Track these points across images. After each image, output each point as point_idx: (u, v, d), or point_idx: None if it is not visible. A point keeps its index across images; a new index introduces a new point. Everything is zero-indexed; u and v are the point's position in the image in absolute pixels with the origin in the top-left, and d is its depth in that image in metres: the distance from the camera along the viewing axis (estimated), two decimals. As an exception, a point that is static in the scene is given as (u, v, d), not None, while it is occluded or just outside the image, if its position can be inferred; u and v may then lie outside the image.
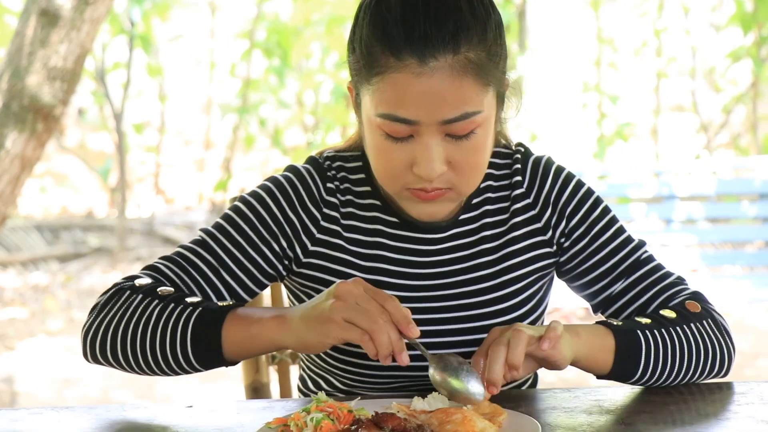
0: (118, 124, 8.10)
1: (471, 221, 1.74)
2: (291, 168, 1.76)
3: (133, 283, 1.65)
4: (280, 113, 8.81)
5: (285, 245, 1.72)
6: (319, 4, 6.73)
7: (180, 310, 1.59)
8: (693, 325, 1.67)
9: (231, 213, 1.73)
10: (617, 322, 1.65)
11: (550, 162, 1.78)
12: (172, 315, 1.59)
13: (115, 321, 1.62)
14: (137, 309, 1.61)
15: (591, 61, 8.48)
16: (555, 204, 1.75)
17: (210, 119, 9.39)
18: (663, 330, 1.64)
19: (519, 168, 1.76)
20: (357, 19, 1.62)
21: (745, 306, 6.04)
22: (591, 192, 1.77)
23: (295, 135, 9.30)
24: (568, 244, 1.75)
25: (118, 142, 8.11)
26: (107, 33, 7.93)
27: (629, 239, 1.76)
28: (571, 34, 8.93)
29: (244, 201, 1.73)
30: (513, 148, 1.79)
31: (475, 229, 1.74)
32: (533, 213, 1.76)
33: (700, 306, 1.70)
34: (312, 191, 1.73)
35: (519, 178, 1.76)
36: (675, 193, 5.22)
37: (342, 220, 1.74)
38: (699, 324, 1.68)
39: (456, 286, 1.72)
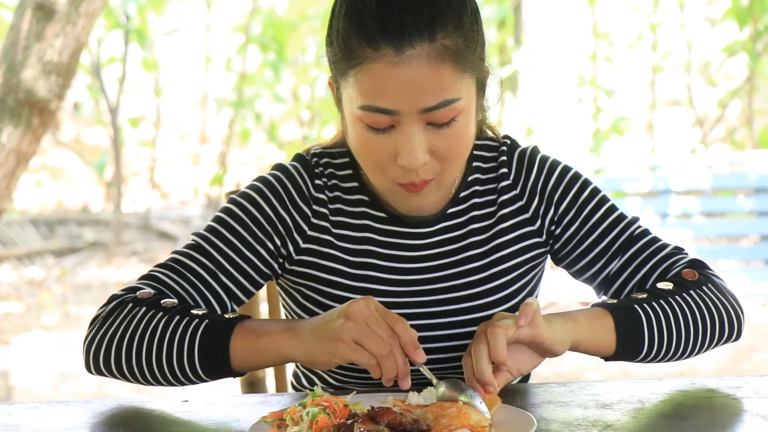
0: (113, 118, 8.08)
1: (459, 215, 1.75)
2: (278, 166, 1.76)
3: (135, 295, 1.64)
4: (275, 108, 8.79)
5: (279, 243, 1.72)
6: (315, -2, 6.72)
7: (186, 322, 1.59)
8: (692, 293, 1.67)
9: (223, 215, 1.72)
10: (612, 300, 1.65)
11: (535, 151, 1.78)
12: (178, 327, 1.59)
13: (119, 333, 1.61)
14: (142, 321, 1.60)
15: (586, 56, 8.46)
16: (542, 193, 1.75)
17: (206, 113, 9.37)
18: (661, 301, 1.64)
19: (505, 160, 1.76)
20: (333, 13, 1.63)
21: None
22: (578, 176, 1.76)
23: (291, 129, 9.29)
24: (559, 230, 1.75)
25: (113, 136, 8.10)
26: (103, 27, 7.91)
27: (621, 216, 1.76)
28: (567, 28, 8.93)
29: (234, 202, 1.72)
30: (500, 141, 1.79)
31: (464, 223, 1.74)
32: (521, 204, 1.76)
33: (697, 273, 1.70)
34: (301, 188, 1.73)
35: (505, 170, 1.76)
36: (670, 188, 5.22)
37: (331, 216, 1.73)
38: (698, 290, 1.67)
39: (445, 279, 1.72)
